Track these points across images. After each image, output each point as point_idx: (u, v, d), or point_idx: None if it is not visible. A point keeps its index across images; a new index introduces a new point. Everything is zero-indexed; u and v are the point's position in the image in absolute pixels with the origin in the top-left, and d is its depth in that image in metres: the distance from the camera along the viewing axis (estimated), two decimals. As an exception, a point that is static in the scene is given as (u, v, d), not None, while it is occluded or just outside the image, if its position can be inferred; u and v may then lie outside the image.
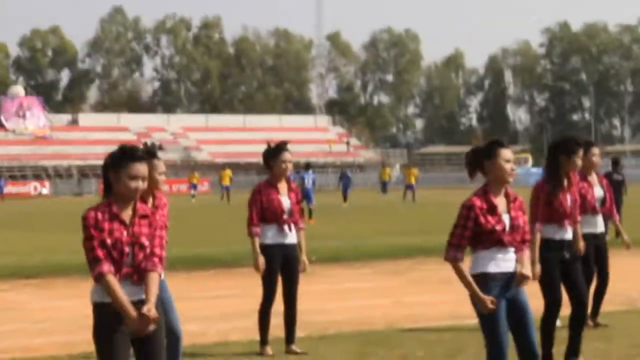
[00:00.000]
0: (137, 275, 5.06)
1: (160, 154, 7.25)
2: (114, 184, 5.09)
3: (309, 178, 30.29)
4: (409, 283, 13.96)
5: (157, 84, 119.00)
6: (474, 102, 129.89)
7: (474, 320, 9.59)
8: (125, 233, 5.04)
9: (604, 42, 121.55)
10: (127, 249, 5.02)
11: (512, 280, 5.95)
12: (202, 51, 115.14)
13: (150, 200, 6.65)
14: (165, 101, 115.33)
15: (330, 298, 12.34)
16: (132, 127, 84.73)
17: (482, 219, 5.87)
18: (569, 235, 7.86)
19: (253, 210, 8.51)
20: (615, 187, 16.34)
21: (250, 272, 8.60)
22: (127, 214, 5.09)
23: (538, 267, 7.61)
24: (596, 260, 9.38)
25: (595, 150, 9.22)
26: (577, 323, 7.89)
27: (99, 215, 5.03)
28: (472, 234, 5.88)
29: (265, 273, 8.52)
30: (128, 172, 5.05)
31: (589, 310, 9.27)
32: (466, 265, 5.89)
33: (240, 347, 8.93)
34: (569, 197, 7.83)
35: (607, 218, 9.50)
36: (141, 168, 5.11)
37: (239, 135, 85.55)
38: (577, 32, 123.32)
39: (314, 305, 10.98)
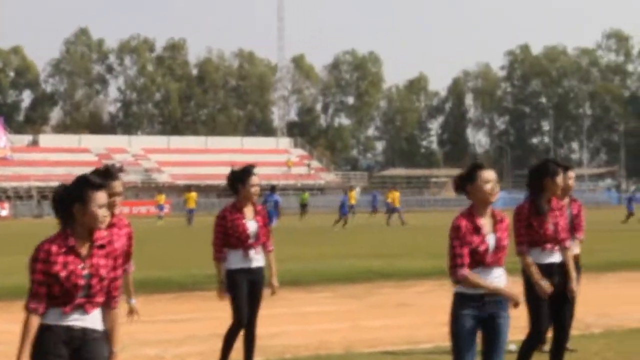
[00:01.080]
0: (90, 305, 4.98)
1: (121, 175, 7.21)
2: (78, 215, 4.94)
3: (273, 200, 30.53)
4: (368, 307, 14.00)
5: (118, 105, 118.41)
6: (435, 125, 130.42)
7: (429, 345, 9.75)
8: (80, 266, 4.93)
9: (564, 65, 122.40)
10: (82, 282, 4.92)
11: (489, 301, 6.06)
12: (165, 72, 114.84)
13: (252, 209, 6.51)
14: (126, 122, 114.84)
15: (289, 322, 12.32)
16: (93, 148, 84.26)
17: (467, 239, 6.01)
18: (555, 259, 7.76)
19: (217, 236, 8.46)
20: None
21: (210, 296, 8.60)
22: (84, 246, 4.99)
23: (545, 282, 7.56)
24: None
25: (571, 174, 9.34)
26: (557, 350, 7.91)
27: (54, 248, 4.92)
28: (469, 251, 5.99)
29: (232, 298, 8.45)
30: (97, 201, 4.93)
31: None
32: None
33: (200, 372, 8.90)
34: (551, 221, 7.77)
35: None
36: (105, 196, 5.01)
37: (201, 157, 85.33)
38: (538, 55, 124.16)
39: (272, 329, 10.98)
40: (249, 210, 8.51)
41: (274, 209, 30.38)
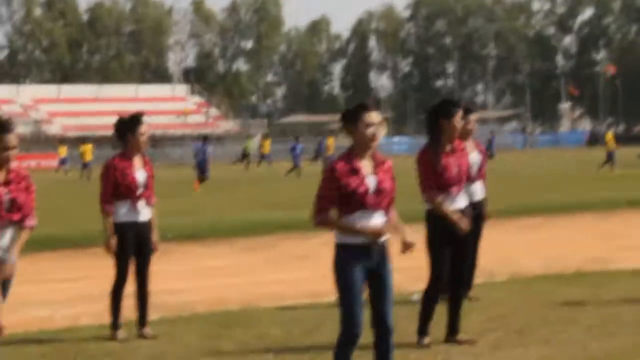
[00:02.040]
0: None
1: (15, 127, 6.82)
2: None
3: (204, 150, 31.76)
4: (267, 260, 13.81)
5: (5, 52, 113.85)
6: (337, 69, 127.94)
7: (331, 298, 9.52)
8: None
9: (470, 3, 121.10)
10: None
11: (377, 250, 5.88)
12: (54, 17, 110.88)
13: (3, 175, 6.29)
14: (13, 71, 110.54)
15: (185, 277, 12.09)
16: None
17: (342, 181, 5.77)
18: (459, 203, 7.62)
19: (106, 187, 8.19)
20: None
21: (103, 253, 8.28)
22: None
23: (464, 220, 7.46)
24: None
25: (473, 117, 9.26)
26: (455, 300, 7.78)
27: None
28: (336, 196, 5.77)
29: (117, 253, 8.21)
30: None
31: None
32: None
33: (90, 332, 8.63)
34: (453, 163, 7.54)
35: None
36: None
37: (93, 106, 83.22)
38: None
39: (168, 285, 10.75)
40: (137, 160, 8.29)
41: (204, 160, 31.62)
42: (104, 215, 8.21)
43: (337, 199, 5.80)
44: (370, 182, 5.84)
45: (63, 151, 53.24)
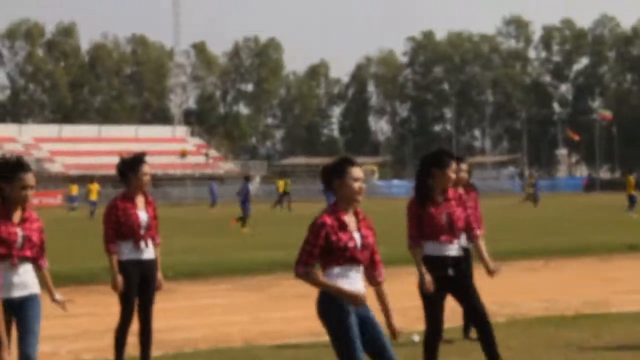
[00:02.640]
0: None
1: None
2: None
3: (246, 189, 32.71)
4: (268, 299, 13.87)
5: (7, 92, 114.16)
6: (336, 113, 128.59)
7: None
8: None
9: (466, 51, 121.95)
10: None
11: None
12: (55, 57, 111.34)
13: (19, 214, 6.37)
14: (16, 111, 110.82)
15: (187, 315, 12.13)
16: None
17: (333, 237, 5.80)
18: (452, 251, 7.57)
19: (109, 227, 8.24)
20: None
21: (107, 290, 8.34)
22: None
23: (427, 277, 7.46)
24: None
25: (464, 166, 9.39)
26: (484, 335, 7.66)
27: None
28: (321, 252, 5.80)
29: (122, 291, 8.24)
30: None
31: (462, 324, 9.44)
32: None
33: (94, 368, 8.62)
34: (444, 212, 7.56)
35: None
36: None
37: (94, 146, 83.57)
38: (441, 41, 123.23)
39: (171, 322, 10.79)
40: (140, 200, 8.35)
41: (246, 198, 31.94)
42: (108, 254, 8.26)
43: (325, 252, 5.82)
44: (357, 237, 5.87)
45: (74, 189, 53.44)
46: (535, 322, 11.08)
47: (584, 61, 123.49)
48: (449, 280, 7.55)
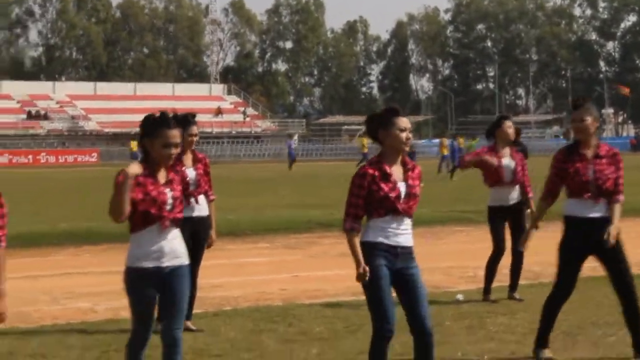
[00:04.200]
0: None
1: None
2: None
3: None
4: (308, 258, 13.75)
5: (40, 50, 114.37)
6: (376, 71, 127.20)
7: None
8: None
9: (512, 9, 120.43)
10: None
11: (402, 252, 5.77)
12: (87, 15, 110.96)
13: (164, 174, 5.98)
14: (50, 68, 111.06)
15: (227, 273, 12.04)
16: (15, 95, 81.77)
17: (374, 187, 5.71)
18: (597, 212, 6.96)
19: None
20: None
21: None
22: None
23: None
24: (512, 233, 9.38)
25: (509, 123, 9.31)
26: (630, 314, 7.15)
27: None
28: (365, 202, 5.71)
29: None
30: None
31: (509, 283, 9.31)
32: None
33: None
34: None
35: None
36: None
37: (129, 104, 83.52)
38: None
39: (210, 280, 10.72)
40: (187, 159, 8.36)
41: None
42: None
43: (368, 203, 5.73)
44: (402, 188, 5.75)
45: (134, 146, 53.63)
46: (584, 281, 10.76)
47: (631, 19, 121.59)
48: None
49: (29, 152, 67.39)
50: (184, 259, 5.74)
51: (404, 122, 5.79)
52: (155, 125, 5.62)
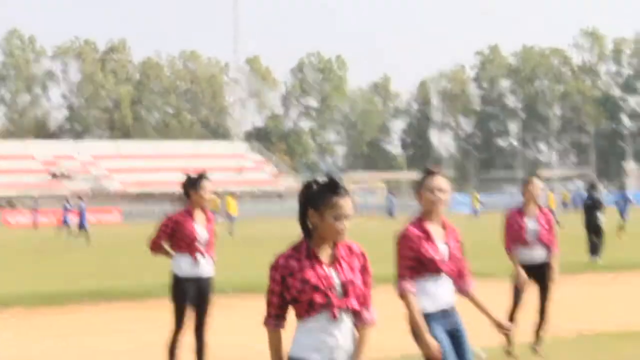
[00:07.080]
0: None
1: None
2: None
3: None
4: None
5: (64, 111, 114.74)
6: (398, 128, 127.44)
7: (397, 353, 9.27)
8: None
9: (536, 65, 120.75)
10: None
11: (450, 313, 5.86)
12: (110, 75, 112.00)
13: (328, 252, 5.40)
14: (73, 128, 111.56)
15: (245, 331, 11.93)
16: (39, 155, 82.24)
17: (420, 248, 5.78)
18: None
19: (162, 228, 8.38)
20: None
21: (160, 305, 8.21)
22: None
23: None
24: (540, 290, 9.41)
25: (537, 182, 9.11)
26: None
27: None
28: (413, 263, 5.77)
29: (176, 305, 8.35)
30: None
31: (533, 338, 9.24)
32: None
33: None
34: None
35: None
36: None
37: (152, 163, 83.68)
38: (508, 54, 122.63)
39: (228, 338, 10.60)
40: (199, 216, 8.44)
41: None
42: (153, 251, 8.50)
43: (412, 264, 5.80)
44: (442, 248, 5.81)
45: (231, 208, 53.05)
46: (602, 337, 10.73)
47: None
48: None
49: (53, 211, 67.68)
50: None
51: (435, 181, 5.89)
52: (323, 192, 4.73)
